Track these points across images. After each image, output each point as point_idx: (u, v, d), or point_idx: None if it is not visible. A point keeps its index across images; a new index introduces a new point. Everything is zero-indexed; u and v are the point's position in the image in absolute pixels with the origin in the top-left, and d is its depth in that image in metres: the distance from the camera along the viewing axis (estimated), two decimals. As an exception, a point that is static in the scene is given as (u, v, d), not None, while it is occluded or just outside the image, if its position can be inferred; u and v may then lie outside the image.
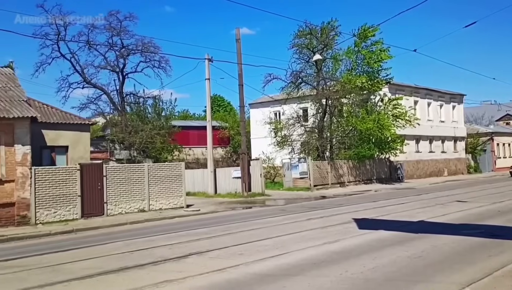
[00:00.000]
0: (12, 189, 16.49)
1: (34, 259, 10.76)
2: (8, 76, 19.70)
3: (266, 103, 43.76)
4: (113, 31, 32.85)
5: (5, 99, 17.38)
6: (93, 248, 11.99)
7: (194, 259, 9.93)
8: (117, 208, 19.03)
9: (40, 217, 16.91)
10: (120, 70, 34.21)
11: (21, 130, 16.65)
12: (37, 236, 14.78)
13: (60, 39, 31.34)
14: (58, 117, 21.04)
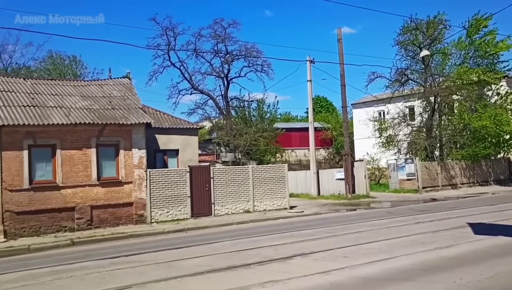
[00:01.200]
0: (130, 190, 17.90)
1: (150, 255, 11.58)
2: (126, 85, 21.43)
3: (369, 103, 42.62)
4: (218, 38, 34.26)
5: (123, 107, 18.94)
6: (202, 247, 12.58)
7: (298, 260, 9.99)
8: (224, 208, 19.78)
9: (155, 216, 18.15)
10: (225, 75, 35.55)
11: (137, 135, 18.04)
12: (153, 234, 15.87)
13: (171, 49, 33.41)
14: (169, 122, 22.43)
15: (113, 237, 15.18)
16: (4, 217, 15.43)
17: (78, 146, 16.95)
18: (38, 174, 16.35)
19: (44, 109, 17.12)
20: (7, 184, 15.52)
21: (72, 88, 19.97)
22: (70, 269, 10.13)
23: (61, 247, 14.05)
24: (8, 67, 34.07)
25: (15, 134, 15.77)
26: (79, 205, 16.80)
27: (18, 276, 9.62)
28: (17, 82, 19.18)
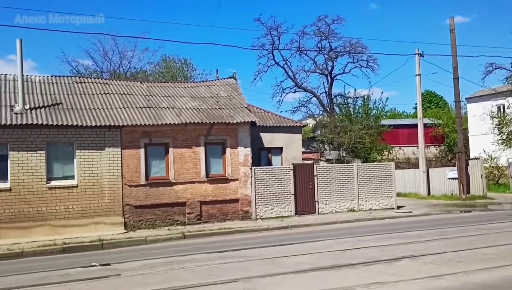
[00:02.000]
0: (236, 186, 18.48)
1: (255, 251, 11.86)
2: (232, 86, 22.17)
3: (486, 97, 39.34)
4: (321, 35, 34.05)
5: (230, 106, 19.62)
6: (306, 245, 12.59)
7: (407, 262, 9.57)
8: (328, 207, 19.60)
9: (260, 213, 18.55)
10: (328, 72, 35.22)
11: (243, 134, 18.58)
12: (258, 230, 16.24)
13: (275, 48, 33.90)
14: (273, 120, 22.76)
15: (220, 232, 15.79)
16: (125, 210, 16.80)
17: (188, 144, 17.90)
18: (153, 170, 17.55)
19: (158, 110, 18.32)
20: (126, 180, 16.88)
21: (182, 89, 21.13)
22: (181, 260, 10.75)
23: (173, 240, 14.95)
24: (127, 71, 37.00)
25: (133, 133, 17.09)
26: (189, 200, 17.74)
27: (137, 265, 10.42)
28: (134, 85, 20.76)
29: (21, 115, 15.94)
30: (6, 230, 15.13)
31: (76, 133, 16.30)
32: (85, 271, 9.93)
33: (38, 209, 15.62)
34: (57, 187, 15.95)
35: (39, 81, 18.87)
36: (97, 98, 18.48)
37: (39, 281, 9.06)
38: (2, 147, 15.50)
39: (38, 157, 15.75)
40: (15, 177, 15.46)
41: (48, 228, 15.60)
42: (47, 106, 16.96)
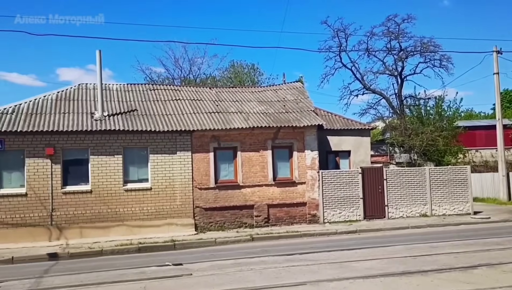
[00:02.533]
0: (304, 190, 18.47)
1: (323, 254, 11.82)
2: (299, 89, 22.20)
3: None
4: (391, 35, 33.22)
5: (296, 110, 19.67)
6: (375, 250, 12.34)
7: (484, 271, 9.12)
8: (398, 211, 19.06)
9: (327, 217, 18.40)
10: (398, 73, 34.27)
11: (310, 137, 18.55)
12: (325, 234, 16.13)
13: (342, 50, 33.52)
14: (341, 123, 22.51)
15: (288, 235, 15.87)
16: (195, 212, 17.35)
17: (256, 148, 18.15)
18: (222, 174, 17.98)
19: (227, 115, 18.76)
20: (197, 183, 17.42)
21: (250, 94, 21.48)
22: (250, 262, 10.94)
23: (242, 242, 15.23)
24: (197, 78, 38.17)
25: (203, 138, 17.62)
26: (257, 203, 17.98)
27: (207, 266, 10.75)
28: (204, 91, 21.40)
29: (100, 121, 16.96)
30: (87, 230, 16.14)
31: (150, 138, 17.08)
32: (159, 270, 10.39)
33: (116, 210, 16.53)
34: (132, 190, 16.80)
35: (116, 89, 19.99)
36: (169, 104, 19.26)
37: (118, 278, 9.61)
38: (83, 152, 16.58)
39: (115, 161, 16.67)
40: (95, 180, 16.46)
41: (124, 228, 16.46)
42: (123, 113, 17.92)
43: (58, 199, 16.07)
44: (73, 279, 9.74)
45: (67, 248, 14.44)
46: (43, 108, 17.32)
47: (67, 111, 17.44)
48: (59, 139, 16.22)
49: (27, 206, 15.79)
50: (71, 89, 19.22)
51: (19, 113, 16.74)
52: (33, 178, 15.89)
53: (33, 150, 15.96)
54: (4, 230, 15.44)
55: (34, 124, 16.17)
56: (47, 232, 15.83)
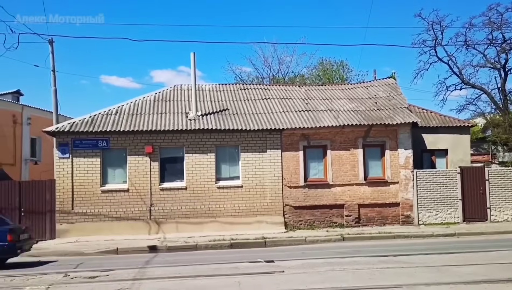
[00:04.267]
0: (397, 190, 17.84)
1: (419, 257, 11.31)
2: (391, 85, 21.47)
3: None
4: (493, 26, 30.85)
5: (389, 107, 19.04)
6: (476, 254, 11.58)
7: None
8: (502, 214, 17.76)
9: (422, 218, 17.61)
10: (501, 66, 31.76)
11: (403, 135, 17.87)
12: (421, 236, 15.46)
13: (437, 44, 31.79)
14: (436, 120, 21.41)
15: (380, 236, 15.42)
16: (285, 211, 17.47)
17: (346, 146, 17.86)
18: (312, 172, 17.92)
19: (316, 113, 18.65)
20: (286, 181, 17.52)
21: (340, 91, 21.16)
22: (341, 262, 10.77)
23: (332, 241, 15.07)
24: (285, 76, 38.37)
25: (292, 136, 17.68)
26: (347, 203, 17.68)
27: (298, 264, 10.76)
28: (293, 89, 21.46)
29: (194, 121, 17.68)
30: (182, 225, 16.91)
31: (241, 136, 17.48)
32: (251, 266, 10.60)
33: (209, 207, 17.14)
34: (224, 187, 17.31)
35: (209, 89, 20.71)
36: (259, 103, 19.57)
37: (213, 272, 9.95)
38: (179, 150, 17.38)
39: (208, 159, 17.29)
40: (190, 177, 17.20)
41: (217, 224, 17.01)
42: (215, 112, 18.53)
43: (156, 195, 17.01)
44: (172, 271, 10.25)
45: (165, 241, 15.22)
46: (142, 109, 18.42)
47: (164, 111, 18.40)
48: (157, 138, 17.16)
49: (128, 201, 16.91)
50: (167, 90, 20.25)
51: (122, 113, 17.95)
52: (134, 175, 16.97)
53: (134, 148, 17.05)
54: (109, 223, 16.65)
55: (135, 124, 17.26)
56: (147, 226, 16.82)
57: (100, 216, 16.68)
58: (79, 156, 16.82)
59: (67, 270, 10.56)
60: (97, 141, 16.93)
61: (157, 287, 8.61)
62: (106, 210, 16.73)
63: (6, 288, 8.98)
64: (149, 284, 8.91)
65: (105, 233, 16.36)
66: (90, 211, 16.65)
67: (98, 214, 16.67)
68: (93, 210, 16.68)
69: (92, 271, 10.35)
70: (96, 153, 16.92)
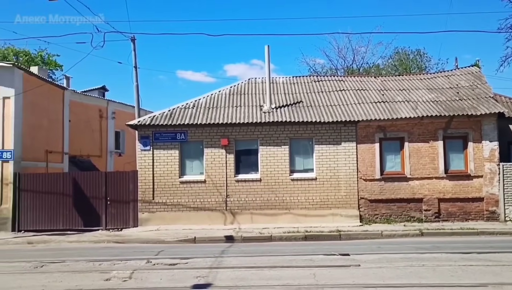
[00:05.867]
0: (480, 184, 16.90)
1: (506, 255, 10.68)
2: (475, 74, 20.29)
3: None
4: None
5: (472, 97, 18.03)
6: None
7: None
8: None
9: (509, 214, 16.58)
10: None
11: (488, 126, 16.87)
12: (508, 233, 14.62)
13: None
14: (526, 110, 19.90)
15: (462, 232, 14.72)
16: (360, 204, 17.16)
17: (425, 138, 17.17)
18: (388, 165, 17.43)
19: (393, 104, 18.08)
20: (361, 174, 17.20)
21: (418, 81, 20.35)
22: (420, 258, 10.43)
23: (410, 236, 14.60)
24: (360, 67, 37.53)
25: (368, 128, 17.29)
26: (426, 197, 17.02)
27: (374, 258, 10.56)
28: (368, 80, 20.95)
29: (268, 113, 17.83)
30: (257, 216, 17.16)
31: (315, 129, 17.38)
32: (326, 259, 10.56)
33: (283, 199, 17.24)
34: (298, 179, 17.32)
35: (282, 82, 20.77)
36: (333, 95, 19.32)
37: (288, 263, 10.05)
38: (253, 143, 17.62)
39: (282, 151, 17.37)
40: (264, 169, 17.39)
41: (291, 216, 17.08)
42: (289, 105, 18.55)
43: (231, 186, 17.38)
44: (247, 261, 10.48)
45: (240, 232, 15.55)
46: (218, 102, 18.86)
47: (239, 104, 18.71)
48: (233, 130, 17.51)
49: (205, 192, 17.43)
50: (242, 84, 20.57)
51: (199, 107, 18.50)
52: (210, 166, 17.45)
53: (211, 141, 17.52)
54: (187, 212, 17.28)
55: (211, 117, 17.72)
56: (222, 216, 17.26)
57: (179, 206, 17.34)
58: (159, 148, 17.58)
59: (149, 257, 11.14)
60: (176, 134, 17.59)
61: (233, 276, 8.85)
62: (184, 200, 17.36)
63: (95, 272, 9.65)
64: (226, 273, 9.17)
65: (183, 222, 17.01)
66: (170, 201, 17.37)
67: (177, 204, 17.35)
68: (172, 200, 17.38)
69: (172, 259, 10.84)
70: (175, 145, 17.59)
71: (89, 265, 10.39)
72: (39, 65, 30.04)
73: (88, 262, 10.71)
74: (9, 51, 34.35)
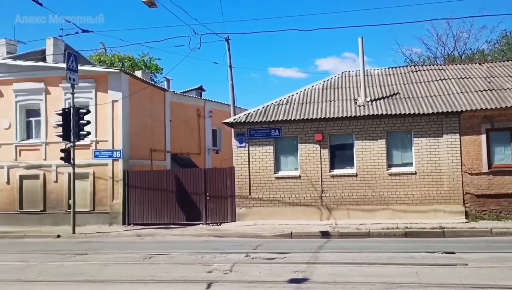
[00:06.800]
0: None
1: None
2: None
3: None
4: None
5: None
6: None
7: None
8: None
9: None
10: None
11: None
12: None
13: None
14: None
15: None
16: (465, 199, 16.13)
17: (540, 128, 15.69)
18: (497, 158, 16.19)
19: (501, 92, 16.74)
20: (466, 167, 16.14)
21: (530, 66, 18.62)
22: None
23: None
24: (462, 54, 35.20)
25: (473, 119, 16.18)
26: (543, 192, 15.55)
27: (483, 257, 9.86)
28: (472, 68, 19.59)
29: (363, 107, 17.39)
30: (353, 211, 16.85)
31: (413, 121, 16.63)
32: (429, 257, 10.06)
33: (380, 194, 16.74)
34: (396, 174, 16.70)
35: (378, 74, 20.13)
36: (432, 85, 18.35)
37: (388, 261, 9.73)
38: (348, 137, 17.31)
39: (379, 145, 16.86)
40: (360, 164, 17.00)
41: (389, 212, 16.52)
42: (385, 97, 17.93)
43: (326, 182, 17.23)
44: (345, 257, 10.33)
45: (336, 227, 15.36)
46: (311, 97, 18.78)
47: (333, 98, 18.47)
48: (326, 125, 17.34)
49: (300, 187, 17.45)
50: (335, 78, 20.28)
51: (292, 103, 18.56)
52: (305, 162, 17.45)
53: (304, 136, 17.51)
54: (283, 207, 17.44)
55: (305, 112, 17.69)
56: (318, 212, 17.18)
57: (275, 201, 17.56)
58: (254, 145, 17.92)
59: (248, 251, 11.42)
60: (270, 130, 17.81)
61: (331, 271, 8.77)
62: (279, 196, 17.54)
63: (198, 264, 10.11)
64: (324, 268, 9.12)
65: (279, 217, 17.19)
66: (266, 196, 17.65)
67: (272, 199, 17.58)
68: (268, 195, 17.64)
69: (270, 253, 11.01)
70: (269, 141, 17.83)
71: (192, 258, 10.90)
72: (142, 69, 32.11)
73: (191, 255, 11.24)
74: (115, 58, 37.15)
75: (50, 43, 23.73)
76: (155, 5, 13.35)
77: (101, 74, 20.12)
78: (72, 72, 17.36)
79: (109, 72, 20.24)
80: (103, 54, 37.61)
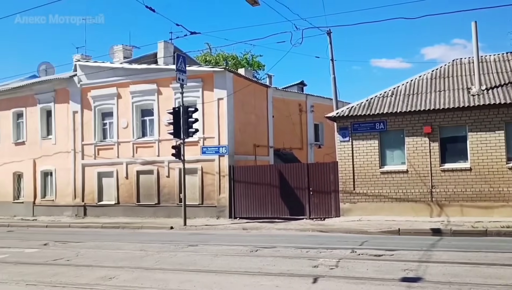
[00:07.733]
0: None
1: None
2: None
3: None
4: None
5: None
6: None
7: None
8: None
9: None
10: None
11: None
12: None
13: None
14: None
15: None
16: None
17: None
18: None
19: None
20: None
21: None
22: None
23: None
24: None
25: None
26: None
27: None
28: None
29: (478, 96, 16.17)
30: (467, 208, 15.77)
31: (537, 110, 15.11)
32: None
33: (499, 189, 15.49)
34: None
35: (493, 60, 18.58)
36: (560, 69, 16.49)
37: (510, 261, 8.96)
38: (460, 129, 16.22)
39: (496, 137, 15.60)
40: (475, 157, 15.86)
41: (509, 209, 15.24)
42: (503, 85, 16.51)
43: (437, 176, 16.33)
44: (460, 256, 9.69)
45: (449, 225, 14.47)
46: (419, 88, 17.88)
47: (442, 88, 17.42)
48: (436, 117, 16.41)
49: (408, 182, 16.73)
50: (446, 66, 19.08)
51: (398, 95, 17.83)
52: (412, 156, 16.69)
53: (412, 129, 16.74)
54: (389, 203, 16.86)
55: (412, 104, 16.90)
56: (428, 208, 16.34)
57: (380, 196, 17.03)
58: (358, 138, 17.52)
59: (353, 247, 11.19)
60: (375, 123, 17.28)
61: (444, 271, 8.28)
62: (385, 191, 16.97)
63: (303, 258, 10.13)
64: (436, 267, 8.64)
65: (385, 213, 16.63)
66: (370, 191, 17.18)
67: (378, 195, 17.06)
68: (373, 190, 17.15)
69: (376, 250, 10.69)
70: (374, 135, 17.31)
71: (297, 252, 10.96)
72: (245, 67, 32.94)
73: (296, 249, 11.30)
74: (220, 57, 38.53)
75: (161, 46, 25.31)
76: (257, 3, 13.53)
77: (207, 74, 20.98)
78: (181, 73, 18.31)
79: (215, 71, 21.03)
80: (208, 54, 39.22)
